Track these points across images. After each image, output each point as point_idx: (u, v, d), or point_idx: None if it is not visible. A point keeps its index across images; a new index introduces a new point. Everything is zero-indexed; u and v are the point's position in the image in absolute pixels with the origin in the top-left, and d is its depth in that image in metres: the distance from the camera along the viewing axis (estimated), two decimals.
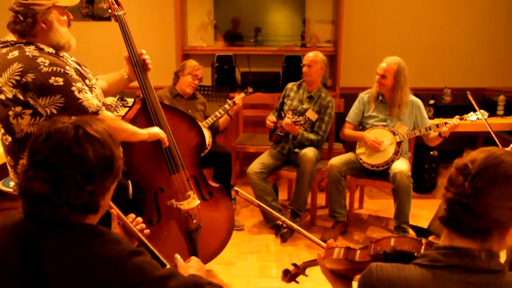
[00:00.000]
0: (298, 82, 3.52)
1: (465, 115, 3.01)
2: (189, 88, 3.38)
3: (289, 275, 1.62)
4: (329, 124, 3.37)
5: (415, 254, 1.08)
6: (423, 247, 1.11)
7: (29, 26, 1.70)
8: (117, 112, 3.48)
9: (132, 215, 1.44)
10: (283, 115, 3.32)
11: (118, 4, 2.14)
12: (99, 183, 1.06)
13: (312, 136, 3.32)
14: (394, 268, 1.04)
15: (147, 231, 1.44)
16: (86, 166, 1.03)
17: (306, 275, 1.62)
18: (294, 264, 1.62)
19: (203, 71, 3.45)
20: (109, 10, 2.14)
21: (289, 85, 3.55)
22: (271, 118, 3.41)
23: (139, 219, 1.45)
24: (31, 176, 1.02)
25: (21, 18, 1.69)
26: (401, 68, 3.08)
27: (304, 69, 3.35)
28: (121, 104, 3.65)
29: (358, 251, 1.24)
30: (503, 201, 0.98)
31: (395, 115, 3.15)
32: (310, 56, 3.36)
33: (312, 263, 1.53)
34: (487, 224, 0.99)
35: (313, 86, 3.40)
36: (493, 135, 2.85)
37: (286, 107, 3.45)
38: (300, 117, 3.12)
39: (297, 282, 1.64)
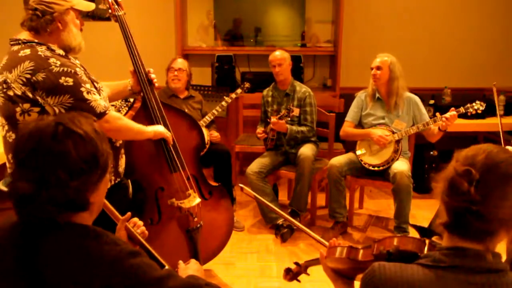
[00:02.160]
0: (270, 87, 3.53)
1: (461, 107, 2.98)
2: (172, 82, 3.39)
3: (291, 274, 1.62)
4: (313, 113, 3.39)
5: (419, 254, 1.08)
6: (426, 247, 1.11)
7: (46, 23, 1.75)
8: (121, 113, 3.48)
9: (134, 220, 1.45)
10: (269, 122, 3.33)
11: (118, 4, 2.15)
12: (84, 178, 1.04)
13: (302, 128, 3.34)
14: (397, 268, 1.03)
15: (146, 232, 1.45)
16: (68, 162, 1.01)
17: (308, 274, 1.62)
18: (296, 263, 1.62)
19: (203, 71, 3.45)
20: (109, 11, 2.14)
21: (264, 92, 3.56)
22: (259, 129, 3.43)
23: (140, 223, 1.46)
24: (17, 176, 1.02)
25: (40, 14, 1.74)
26: (394, 60, 3.13)
27: (276, 69, 3.35)
28: (125, 105, 3.65)
29: (361, 251, 1.24)
30: (509, 201, 0.98)
31: (392, 108, 3.15)
32: (277, 55, 3.37)
33: (314, 262, 1.52)
34: (495, 226, 1.00)
35: (286, 84, 3.42)
36: (501, 133, 2.80)
37: (269, 115, 3.46)
38: (283, 110, 3.15)
39: (298, 281, 1.64)
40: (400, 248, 1.12)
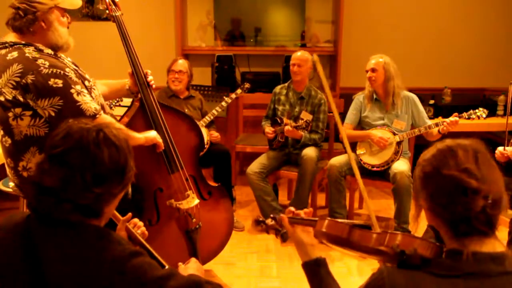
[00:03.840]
0: (286, 85, 3.50)
1: (464, 113, 3.00)
2: (173, 84, 3.39)
3: (264, 226, 1.61)
4: (325, 120, 3.39)
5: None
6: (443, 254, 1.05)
7: (28, 22, 1.70)
8: (112, 110, 3.47)
9: (134, 220, 1.45)
10: (279, 121, 3.31)
11: (115, 4, 2.14)
12: (107, 187, 1.07)
13: (314, 135, 3.34)
14: (408, 277, 0.99)
15: (146, 233, 1.46)
16: (99, 168, 1.05)
17: (280, 229, 1.61)
18: (272, 217, 1.60)
19: (203, 71, 3.44)
20: (107, 11, 2.14)
21: (277, 89, 3.52)
22: (268, 129, 3.40)
23: (141, 223, 1.47)
24: (45, 168, 1.05)
25: (22, 14, 1.70)
26: (388, 61, 3.12)
27: (295, 68, 3.31)
28: (114, 103, 3.64)
29: (374, 236, 1.15)
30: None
31: (390, 108, 3.14)
32: (299, 55, 3.32)
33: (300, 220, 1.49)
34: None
35: (302, 86, 3.39)
36: (506, 135, 2.78)
37: (279, 113, 3.44)
38: (300, 121, 3.12)
39: (268, 233, 1.63)
40: (418, 251, 1.04)
